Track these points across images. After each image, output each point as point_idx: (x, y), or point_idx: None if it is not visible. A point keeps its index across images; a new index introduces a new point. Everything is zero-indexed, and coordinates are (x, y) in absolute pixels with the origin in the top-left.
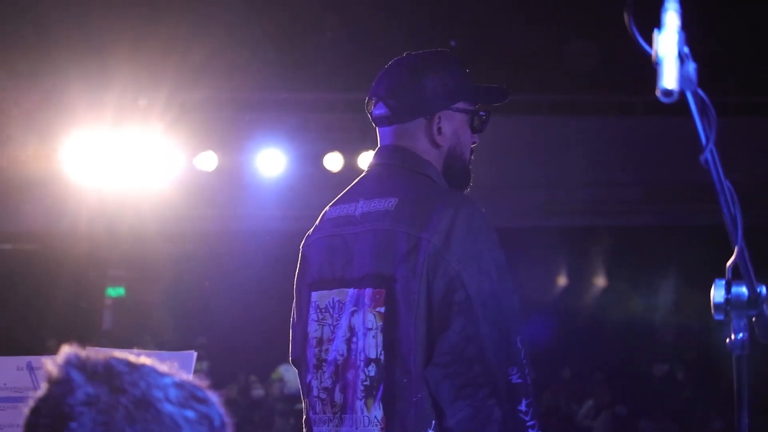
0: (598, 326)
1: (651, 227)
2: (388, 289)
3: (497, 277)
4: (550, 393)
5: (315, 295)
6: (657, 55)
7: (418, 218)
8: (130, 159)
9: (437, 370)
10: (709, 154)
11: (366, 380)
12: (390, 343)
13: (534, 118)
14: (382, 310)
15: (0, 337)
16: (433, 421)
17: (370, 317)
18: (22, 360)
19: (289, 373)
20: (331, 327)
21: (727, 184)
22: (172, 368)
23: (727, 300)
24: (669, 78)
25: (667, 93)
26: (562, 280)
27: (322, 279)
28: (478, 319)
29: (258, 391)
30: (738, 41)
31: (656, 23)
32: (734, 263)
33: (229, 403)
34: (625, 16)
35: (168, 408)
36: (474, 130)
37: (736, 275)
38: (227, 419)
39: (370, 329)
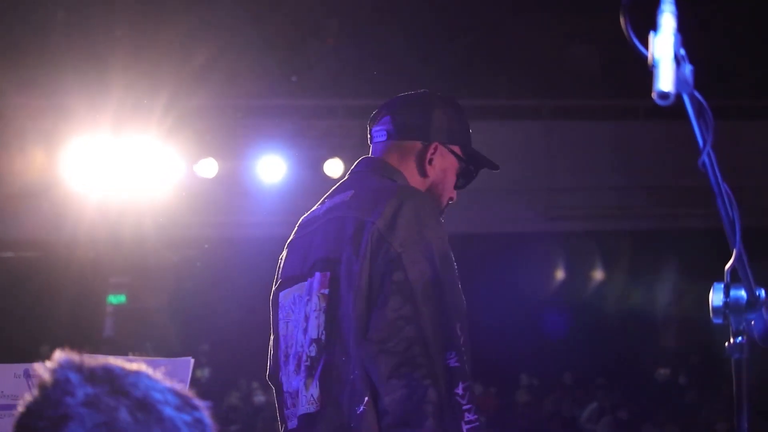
0: (599, 330)
1: (653, 231)
2: (333, 271)
3: (440, 266)
4: (552, 397)
5: (281, 295)
6: (653, 58)
7: (367, 204)
8: (131, 166)
9: (371, 345)
10: (707, 157)
11: (307, 360)
12: (330, 323)
13: (535, 122)
14: (326, 291)
15: (1, 344)
16: (366, 398)
17: (315, 300)
18: (19, 367)
19: None
20: (294, 321)
21: (725, 187)
22: (164, 376)
23: (725, 303)
24: (665, 80)
25: (664, 95)
26: (562, 285)
27: (287, 278)
28: (417, 302)
29: (259, 398)
30: (737, 44)
31: (653, 26)
32: (733, 267)
33: (231, 409)
34: (621, 19)
35: (168, 411)
36: (457, 181)
37: (735, 279)
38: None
39: (315, 311)
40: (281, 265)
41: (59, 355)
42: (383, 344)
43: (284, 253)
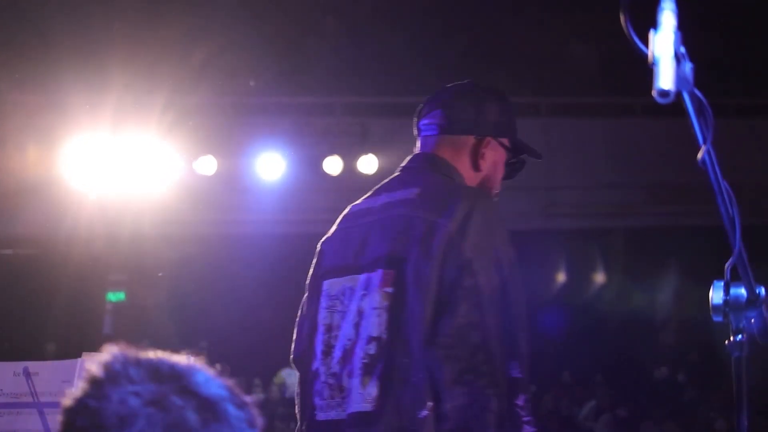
0: (598, 328)
1: (652, 228)
2: (398, 270)
3: (507, 272)
4: (551, 395)
5: (326, 284)
6: (653, 56)
7: (435, 205)
8: (130, 164)
9: (439, 351)
10: (707, 155)
11: (365, 358)
12: (394, 323)
13: (534, 120)
14: (390, 290)
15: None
16: (429, 403)
17: (376, 297)
18: (19, 365)
19: (291, 378)
20: (341, 313)
21: (725, 185)
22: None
23: (725, 301)
24: (665, 78)
25: (664, 93)
26: (561, 283)
27: (335, 267)
28: (484, 309)
29: (259, 395)
30: (737, 43)
31: (653, 24)
32: (733, 264)
33: None
34: (621, 17)
35: (232, 410)
36: (506, 172)
37: (735, 277)
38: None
39: (376, 308)
40: (324, 254)
41: (113, 348)
42: (450, 350)
43: (326, 241)
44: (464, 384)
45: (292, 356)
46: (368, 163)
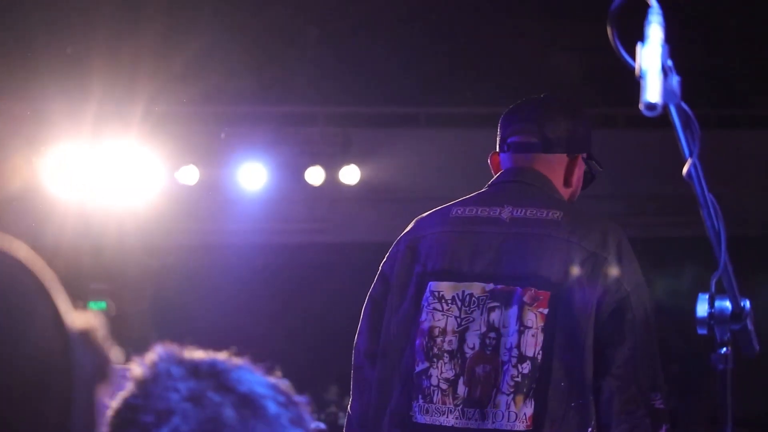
0: None
1: (633, 240)
2: (555, 293)
3: (650, 306)
4: None
5: (435, 285)
6: (640, 69)
7: (590, 234)
8: (112, 173)
9: (613, 381)
10: (693, 168)
11: (518, 376)
12: (550, 344)
13: None
14: (545, 311)
15: None
16: (590, 429)
17: (530, 315)
18: None
19: None
20: (459, 319)
21: (710, 197)
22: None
23: (710, 314)
24: (652, 91)
25: (651, 106)
26: None
27: (450, 271)
28: (637, 342)
29: None
30: (722, 54)
31: (640, 36)
32: (718, 277)
33: None
34: (608, 30)
35: (273, 408)
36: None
37: (720, 289)
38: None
39: (529, 327)
40: (425, 251)
41: (159, 347)
42: (621, 380)
43: (422, 238)
44: (628, 413)
45: (363, 347)
46: (350, 174)
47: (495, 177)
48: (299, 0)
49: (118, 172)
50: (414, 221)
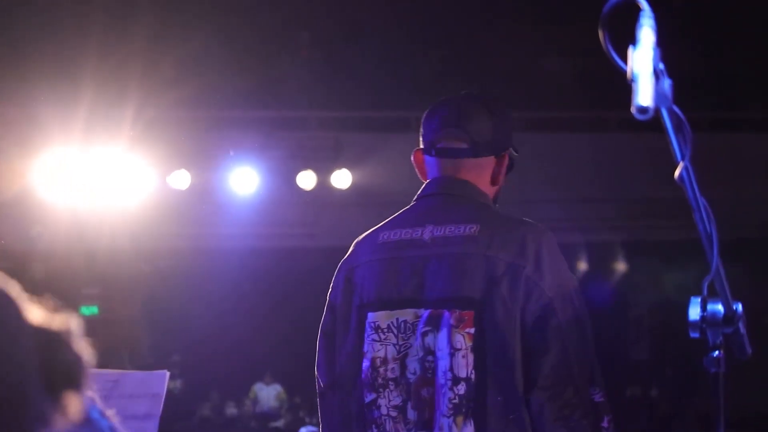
0: None
1: (626, 243)
2: (478, 311)
3: (578, 303)
4: None
5: (373, 316)
6: (632, 72)
7: (506, 244)
8: (104, 177)
9: (542, 392)
10: (685, 172)
11: (455, 398)
12: (482, 363)
13: None
14: (472, 331)
15: None
16: None
17: (458, 337)
18: None
19: (262, 392)
20: (397, 346)
21: (702, 201)
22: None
23: (702, 318)
24: (644, 95)
25: (643, 110)
26: None
27: (382, 300)
28: (569, 345)
29: (231, 410)
30: (714, 57)
31: (631, 39)
32: (710, 280)
33: (202, 420)
34: (600, 33)
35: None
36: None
37: (712, 293)
38: None
39: (459, 349)
40: (360, 282)
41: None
42: (550, 390)
43: (357, 268)
44: (563, 419)
45: (324, 381)
46: (342, 178)
47: (421, 189)
48: (291, 5)
49: (109, 177)
50: (353, 246)
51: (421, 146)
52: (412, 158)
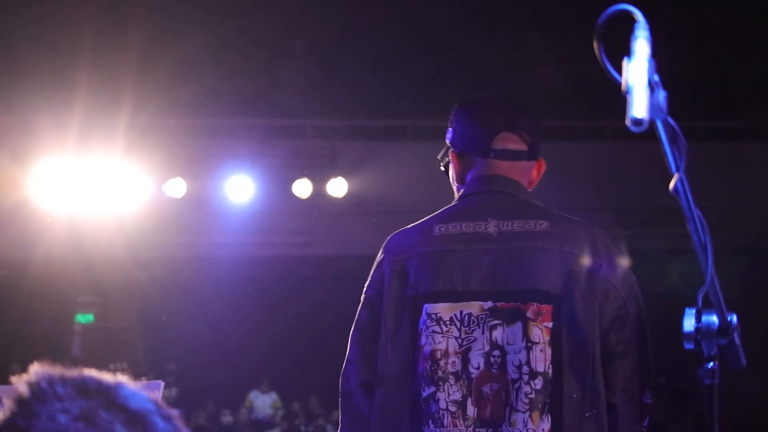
0: None
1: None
2: (556, 306)
3: (643, 304)
4: None
5: (432, 308)
6: (627, 84)
7: (579, 242)
8: (99, 186)
9: (624, 394)
10: (680, 183)
11: (531, 393)
12: (559, 358)
13: None
14: (550, 325)
15: None
16: None
17: (536, 331)
18: None
19: (257, 400)
20: (459, 340)
21: (697, 212)
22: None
23: (697, 329)
24: (639, 107)
25: (637, 122)
26: None
27: (445, 291)
28: (641, 347)
29: (227, 418)
30: (708, 66)
31: (626, 51)
32: (705, 291)
33: (198, 429)
34: (595, 44)
35: (160, 423)
36: None
37: (707, 304)
38: None
39: (537, 343)
40: (415, 273)
41: (37, 367)
42: (629, 392)
43: (409, 260)
44: (639, 420)
45: (358, 377)
46: (337, 186)
47: (469, 186)
48: (286, 13)
49: (105, 185)
50: (390, 241)
51: (452, 146)
52: (449, 158)
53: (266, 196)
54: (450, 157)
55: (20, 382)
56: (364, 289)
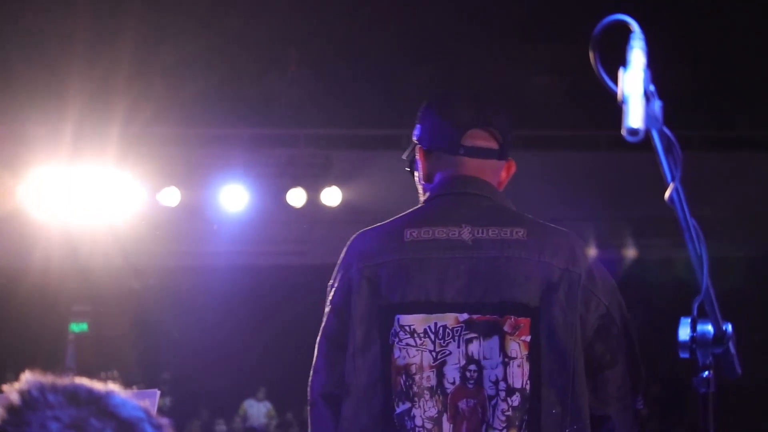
0: None
1: (615, 262)
2: (534, 318)
3: (625, 308)
4: None
5: (405, 319)
6: (623, 94)
7: (557, 250)
8: (93, 195)
9: (619, 403)
10: (675, 193)
11: (508, 410)
12: (537, 373)
13: None
14: (528, 339)
15: None
16: None
17: (513, 345)
18: None
19: (252, 409)
20: (434, 353)
21: (692, 222)
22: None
23: (692, 338)
24: (635, 117)
25: (633, 132)
26: None
27: (418, 302)
28: (628, 354)
29: (221, 426)
30: (704, 75)
31: (623, 59)
32: (700, 301)
33: None
34: (591, 55)
35: (149, 430)
36: None
37: (702, 313)
38: None
39: (514, 358)
40: (385, 282)
41: (28, 376)
42: (624, 401)
43: (379, 267)
44: (634, 426)
45: (322, 388)
46: (332, 195)
47: (438, 187)
48: (280, 22)
49: (99, 194)
50: (357, 243)
51: (419, 142)
52: (416, 155)
53: (260, 205)
54: (417, 155)
55: (11, 390)
56: (330, 293)
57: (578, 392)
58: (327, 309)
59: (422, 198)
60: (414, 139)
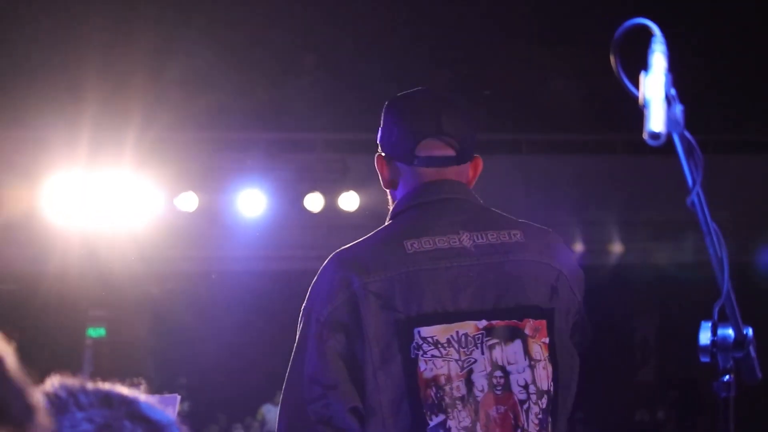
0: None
1: (632, 265)
2: (549, 320)
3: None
4: None
5: (426, 331)
6: (644, 98)
7: (549, 250)
8: (111, 200)
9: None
10: (696, 197)
11: (540, 413)
12: (556, 374)
13: (514, 156)
14: (547, 340)
15: None
16: None
17: (536, 348)
18: None
19: (270, 414)
20: (460, 362)
21: (713, 225)
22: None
23: (713, 342)
24: (656, 121)
25: (655, 136)
26: None
27: (436, 313)
28: (587, 345)
29: None
30: (721, 79)
31: (642, 64)
32: (720, 305)
33: None
34: (612, 59)
35: None
36: None
37: (722, 317)
38: None
39: (539, 360)
40: (395, 296)
41: (59, 378)
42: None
43: (384, 281)
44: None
45: (354, 403)
46: (349, 200)
47: (417, 194)
48: (297, 26)
49: (116, 199)
50: (350, 257)
51: (381, 149)
52: (375, 164)
53: (278, 210)
54: (377, 160)
55: (44, 393)
56: (326, 311)
57: (574, 387)
58: (327, 327)
59: (391, 205)
60: (377, 141)
